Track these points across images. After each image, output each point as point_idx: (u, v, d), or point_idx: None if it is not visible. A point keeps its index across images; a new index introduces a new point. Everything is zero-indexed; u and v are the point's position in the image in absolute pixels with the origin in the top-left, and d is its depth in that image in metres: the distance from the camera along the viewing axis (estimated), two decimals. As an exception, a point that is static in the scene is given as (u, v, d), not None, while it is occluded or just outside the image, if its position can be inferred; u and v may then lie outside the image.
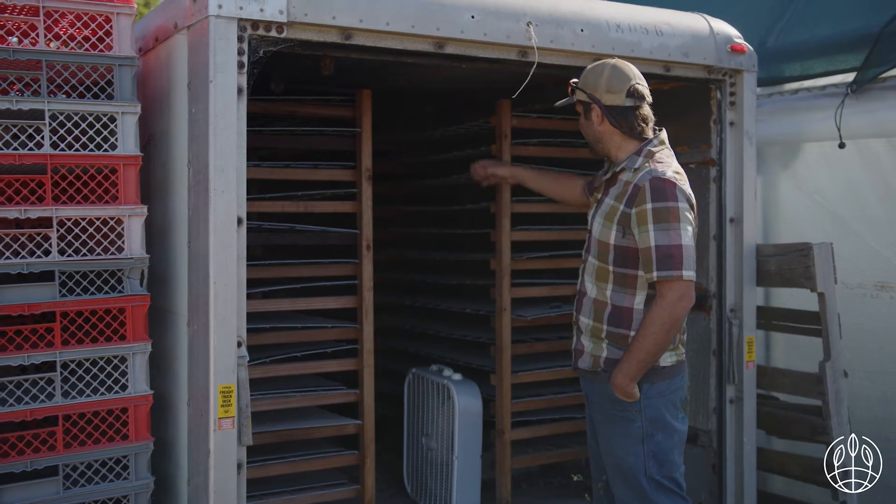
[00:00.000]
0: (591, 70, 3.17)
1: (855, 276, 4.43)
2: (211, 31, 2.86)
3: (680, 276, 2.92)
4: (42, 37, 2.96)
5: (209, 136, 2.87)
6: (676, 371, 3.11)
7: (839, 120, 4.40)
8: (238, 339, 2.94)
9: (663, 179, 2.99)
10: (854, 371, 4.26)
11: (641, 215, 2.97)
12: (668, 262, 2.92)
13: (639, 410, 3.03)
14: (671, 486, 3.06)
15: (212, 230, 2.88)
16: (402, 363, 4.94)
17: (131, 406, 3.05)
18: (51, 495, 2.93)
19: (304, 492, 3.83)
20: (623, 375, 2.99)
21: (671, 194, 2.96)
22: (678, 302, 2.93)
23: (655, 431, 3.04)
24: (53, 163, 2.94)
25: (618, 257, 3.05)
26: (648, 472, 3.04)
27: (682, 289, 2.93)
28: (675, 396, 3.11)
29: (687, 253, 2.94)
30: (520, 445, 4.48)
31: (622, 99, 3.09)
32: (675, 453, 3.09)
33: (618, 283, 3.06)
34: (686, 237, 2.95)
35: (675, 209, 2.95)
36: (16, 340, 2.91)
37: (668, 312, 2.93)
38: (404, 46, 3.22)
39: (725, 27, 3.94)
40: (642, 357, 2.97)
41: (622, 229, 3.03)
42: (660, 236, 2.93)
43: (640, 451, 3.04)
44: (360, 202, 3.96)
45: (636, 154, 3.11)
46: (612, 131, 3.14)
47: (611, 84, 3.09)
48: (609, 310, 3.08)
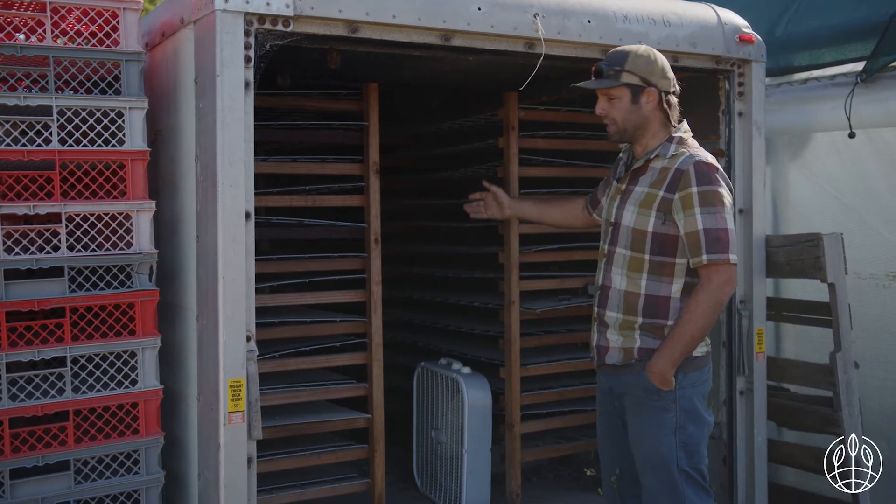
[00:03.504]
0: (638, 53, 3.10)
1: (867, 266, 4.41)
2: (217, 26, 2.86)
3: (727, 259, 2.93)
4: (49, 33, 2.96)
5: (217, 131, 2.87)
6: (706, 361, 3.11)
7: (849, 109, 4.38)
8: (247, 334, 2.94)
9: (707, 164, 3.01)
10: (865, 361, 4.24)
11: (686, 199, 2.97)
12: (716, 245, 2.92)
13: (674, 400, 3.01)
14: (699, 478, 3.05)
15: (220, 225, 2.89)
16: (411, 357, 4.94)
17: (141, 401, 3.06)
18: (62, 490, 2.94)
19: (314, 486, 3.84)
20: (665, 361, 2.96)
21: (715, 179, 2.99)
22: (724, 286, 2.94)
23: (688, 422, 3.03)
24: (62, 158, 2.95)
25: (655, 245, 3.03)
26: (679, 463, 3.02)
27: (728, 273, 2.94)
28: (705, 387, 3.10)
29: (732, 237, 2.96)
30: (529, 439, 4.48)
31: (673, 84, 3.13)
32: (703, 445, 3.09)
33: (654, 271, 3.04)
34: (731, 221, 2.98)
35: (720, 193, 2.97)
36: (26, 336, 2.92)
37: (715, 296, 2.93)
38: (411, 39, 3.21)
39: (733, 17, 3.92)
40: (686, 342, 2.95)
41: (663, 215, 3.01)
42: (707, 219, 2.93)
43: (672, 441, 3.02)
44: (368, 196, 3.95)
45: (668, 142, 3.11)
46: (657, 117, 3.12)
47: (665, 70, 3.11)
48: (643, 300, 3.04)
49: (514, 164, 4.25)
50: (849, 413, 3.84)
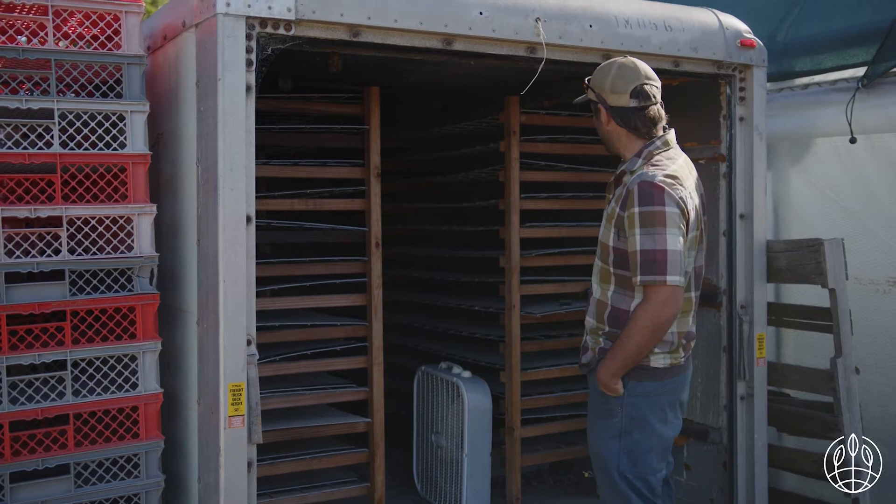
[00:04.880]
0: (601, 69, 3.14)
1: (867, 271, 4.40)
2: (219, 29, 2.86)
3: (664, 281, 2.88)
4: (51, 36, 2.96)
5: (218, 134, 2.87)
6: (670, 373, 3.06)
7: (850, 115, 4.37)
8: (248, 338, 2.94)
9: (651, 183, 2.94)
10: (866, 367, 4.24)
11: (630, 219, 2.95)
12: (652, 266, 2.89)
13: (620, 406, 3.03)
14: (642, 487, 3.03)
15: (221, 228, 2.88)
16: (412, 361, 4.94)
17: (142, 404, 3.06)
18: (62, 494, 2.94)
19: (314, 489, 3.84)
20: (605, 371, 3.01)
21: (658, 199, 2.91)
22: (662, 307, 2.89)
23: (633, 429, 3.02)
24: (63, 162, 2.95)
25: (616, 259, 3.04)
26: (621, 468, 3.03)
27: (666, 294, 2.89)
28: (663, 399, 3.06)
29: (673, 258, 2.89)
30: (529, 443, 4.47)
31: (626, 100, 3.04)
32: (653, 456, 3.05)
33: (618, 284, 3.05)
34: (673, 242, 2.90)
35: (661, 214, 2.90)
36: (26, 339, 2.92)
37: (651, 316, 2.90)
38: (412, 43, 3.21)
39: (735, 22, 3.92)
40: (624, 356, 2.96)
41: (618, 231, 3.03)
42: (645, 241, 2.90)
43: (615, 446, 3.04)
44: (369, 199, 3.96)
45: (636, 156, 3.09)
46: (619, 131, 3.11)
47: (615, 84, 3.06)
48: (609, 311, 3.07)
49: (516, 167, 4.25)
50: (849, 418, 3.83)
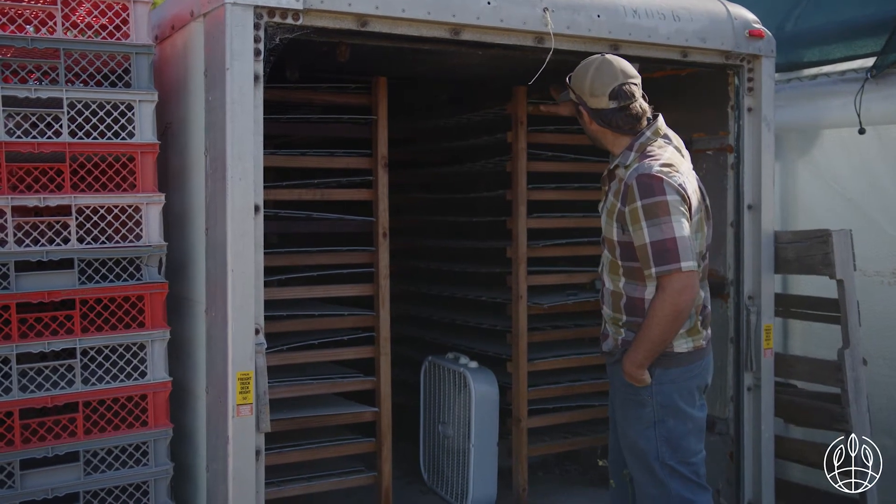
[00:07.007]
0: (579, 70, 3.13)
1: (873, 263, 4.39)
2: (227, 19, 2.86)
3: (679, 268, 2.90)
4: (60, 25, 2.97)
5: (226, 124, 2.88)
6: (694, 357, 3.09)
7: (859, 106, 4.36)
8: (256, 327, 2.95)
9: (649, 175, 2.96)
10: (873, 359, 4.23)
11: (633, 213, 2.97)
12: (665, 256, 2.91)
13: (650, 395, 3.05)
14: (686, 471, 3.06)
15: (229, 218, 2.89)
16: (419, 351, 4.95)
17: (150, 393, 3.07)
18: (71, 481, 2.96)
19: (321, 479, 3.85)
20: (630, 362, 3.02)
21: (658, 189, 2.94)
22: (680, 294, 2.91)
23: (666, 417, 3.05)
24: (72, 151, 2.96)
25: (623, 252, 3.07)
26: (661, 456, 3.05)
27: (683, 280, 2.91)
28: (690, 383, 3.09)
29: (683, 244, 2.91)
30: (536, 433, 4.48)
31: (606, 102, 3.06)
32: (691, 439, 3.08)
33: (628, 275, 3.08)
34: (680, 229, 2.92)
35: (664, 203, 2.93)
36: (36, 328, 2.93)
37: (670, 304, 2.92)
38: (420, 33, 3.21)
39: (743, 12, 3.91)
40: (648, 346, 2.98)
41: (621, 226, 3.05)
42: (653, 232, 2.92)
43: (651, 435, 3.06)
44: (376, 190, 3.96)
45: (628, 149, 3.10)
46: (603, 131, 3.14)
47: (593, 87, 3.07)
48: (624, 300, 3.10)
49: (523, 158, 4.25)
50: (857, 410, 3.83)
